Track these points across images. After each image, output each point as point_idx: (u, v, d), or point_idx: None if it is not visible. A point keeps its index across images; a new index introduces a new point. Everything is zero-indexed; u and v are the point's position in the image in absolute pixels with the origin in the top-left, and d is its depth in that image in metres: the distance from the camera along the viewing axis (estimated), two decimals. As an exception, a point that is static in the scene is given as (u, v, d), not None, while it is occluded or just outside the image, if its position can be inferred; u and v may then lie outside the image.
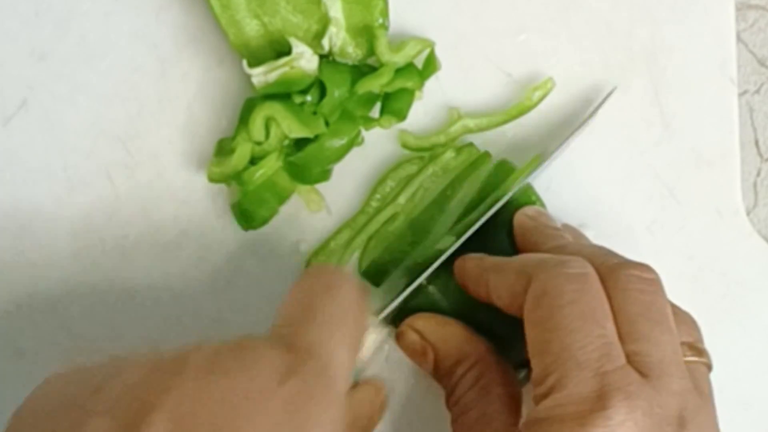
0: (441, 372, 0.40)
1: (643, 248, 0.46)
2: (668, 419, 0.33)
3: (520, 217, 0.42)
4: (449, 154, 0.44)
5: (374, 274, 0.44)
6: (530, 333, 0.35)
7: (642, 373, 0.34)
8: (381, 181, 0.45)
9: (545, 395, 0.34)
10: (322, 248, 0.44)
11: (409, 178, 0.44)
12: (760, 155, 0.49)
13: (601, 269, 0.36)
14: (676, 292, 0.46)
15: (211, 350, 0.32)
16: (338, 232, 0.44)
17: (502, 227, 0.43)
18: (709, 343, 0.38)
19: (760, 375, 0.47)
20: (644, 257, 0.46)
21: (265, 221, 0.43)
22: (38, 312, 0.44)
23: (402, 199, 0.44)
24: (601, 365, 0.33)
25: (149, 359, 0.32)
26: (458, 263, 0.41)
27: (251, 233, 0.43)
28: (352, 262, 0.44)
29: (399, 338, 0.41)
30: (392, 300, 0.41)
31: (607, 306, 0.35)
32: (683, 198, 0.46)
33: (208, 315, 0.44)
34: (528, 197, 0.43)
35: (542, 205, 0.44)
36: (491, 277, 0.39)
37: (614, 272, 0.36)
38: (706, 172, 0.46)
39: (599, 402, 0.32)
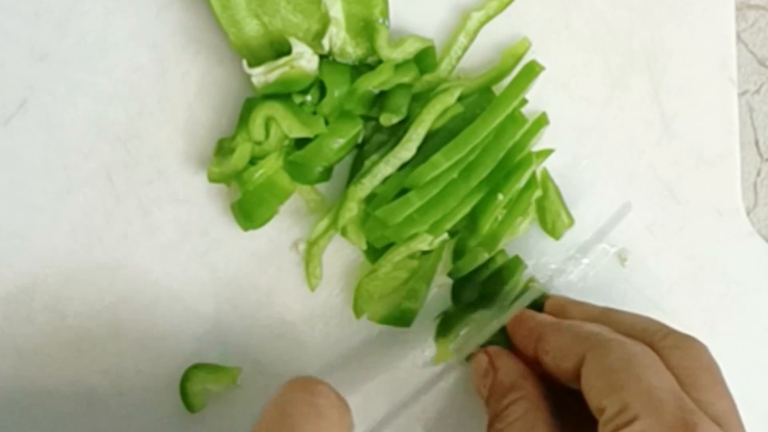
0: (494, 396, 0.42)
1: (643, 248, 0.46)
2: None
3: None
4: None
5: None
6: (599, 380, 0.37)
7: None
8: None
9: (623, 426, 0.34)
10: (316, 241, 0.44)
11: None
12: (760, 155, 0.49)
13: (657, 335, 0.38)
14: (676, 292, 0.46)
15: None
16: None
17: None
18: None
19: (760, 375, 0.47)
20: (644, 257, 0.46)
21: (265, 221, 0.43)
22: (38, 312, 0.44)
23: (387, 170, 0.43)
24: (679, 403, 0.35)
25: None
26: (515, 320, 0.43)
27: (251, 233, 0.43)
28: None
29: (472, 359, 0.44)
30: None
31: None
32: (683, 198, 0.46)
33: (208, 315, 0.44)
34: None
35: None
36: (549, 335, 0.40)
37: (675, 337, 0.38)
38: (706, 172, 0.46)
39: (687, 430, 0.34)
